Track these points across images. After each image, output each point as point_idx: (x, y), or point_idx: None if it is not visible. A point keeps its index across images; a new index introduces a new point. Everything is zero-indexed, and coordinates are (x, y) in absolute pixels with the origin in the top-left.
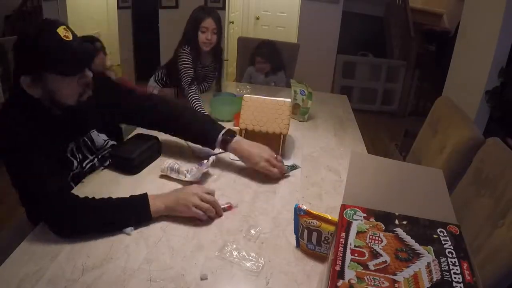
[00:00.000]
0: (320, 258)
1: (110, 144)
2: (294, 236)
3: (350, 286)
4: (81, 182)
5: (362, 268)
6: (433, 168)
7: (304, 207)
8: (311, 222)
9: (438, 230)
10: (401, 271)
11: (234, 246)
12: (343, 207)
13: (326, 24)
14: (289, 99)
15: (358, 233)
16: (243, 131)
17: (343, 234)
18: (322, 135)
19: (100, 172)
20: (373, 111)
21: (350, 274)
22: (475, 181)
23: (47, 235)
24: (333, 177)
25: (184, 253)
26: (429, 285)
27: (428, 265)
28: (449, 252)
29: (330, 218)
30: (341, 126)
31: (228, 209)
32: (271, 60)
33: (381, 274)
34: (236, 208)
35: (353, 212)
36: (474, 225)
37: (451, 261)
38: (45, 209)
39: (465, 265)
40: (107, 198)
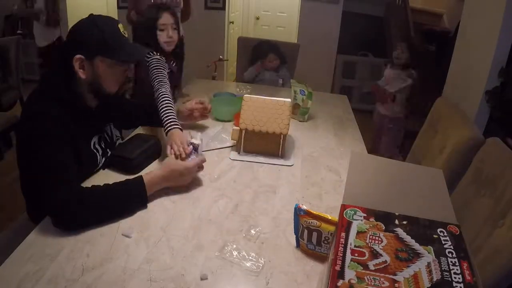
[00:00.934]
0: (320, 258)
1: (119, 142)
2: (294, 236)
3: (350, 286)
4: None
5: (362, 268)
6: (433, 168)
7: (304, 207)
8: (311, 222)
9: (438, 230)
10: (401, 271)
11: (234, 246)
12: (343, 207)
13: (326, 24)
14: (289, 99)
15: (358, 233)
16: (243, 131)
17: (343, 234)
18: (322, 135)
19: (100, 172)
20: (373, 111)
21: (350, 274)
22: (475, 181)
23: (47, 235)
24: (333, 177)
25: (184, 253)
26: (429, 285)
27: (428, 265)
28: (449, 252)
29: (330, 218)
30: (341, 126)
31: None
32: (279, 54)
33: (381, 274)
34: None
35: (353, 212)
36: (474, 225)
37: (451, 261)
38: (51, 202)
39: (465, 265)
40: (105, 189)
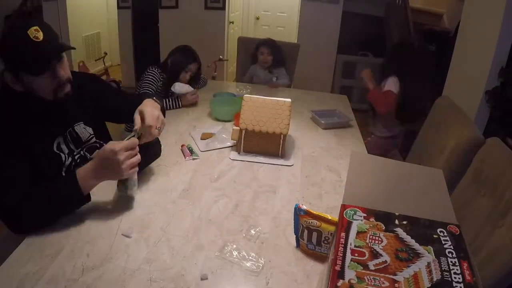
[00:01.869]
0: (320, 258)
1: (94, 140)
2: (294, 236)
3: (350, 286)
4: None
5: (362, 268)
6: (433, 168)
7: (304, 207)
8: (311, 222)
9: (438, 230)
10: (401, 271)
11: (234, 246)
12: (343, 207)
13: (326, 24)
14: (289, 99)
15: (358, 233)
16: (243, 131)
17: (343, 234)
18: (322, 135)
19: None
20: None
21: (350, 274)
22: (475, 181)
23: (47, 235)
24: (333, 177)
25: (184, 253)
26: (429, 285)
27: (428, 265)
28: (449, 252)
29: (330, 218)
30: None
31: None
32: (274, 52)
33: (381, 274)
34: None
35: (353, 212)
36: (474, 225)
37: (451, 261)
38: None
39: (465, 265)
40: (44, 190)
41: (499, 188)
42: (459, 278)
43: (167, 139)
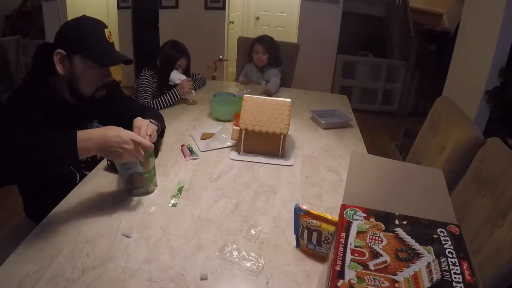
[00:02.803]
0: (320, 258)
1: None
2: (294, 236)
3: (350, 286)
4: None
5: (362, 268)
6: (433, 168)
7: (304, 207)
8: (311, 222)
9: (438, 230)
10: (401, 271)
11: (234, 246)
12: (343, 207)
13: (326, 24)
14: (289, 99)
15: (358, 233)
16: (243, 131)
17: (343, 234)
18: (322, 135)
19: (98, 172)
20: (373, 111)
21: (350, 274)
22: (475, 181)
23: (47, 235)
24: (333, 177)
25: (184, 253)
26: (429, 285)
27: (428, 265)
28: (449, 252)
29: (330, 218)
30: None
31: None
32: (269, 50)
33: (381, 274)
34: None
35: (353, 212)
36: (474, 225)
37: (451, 261)
38: None
39: (465, 265)
40: (34, 137)
41: (499, 188)
42: (459, 278)
43: (167, 139)
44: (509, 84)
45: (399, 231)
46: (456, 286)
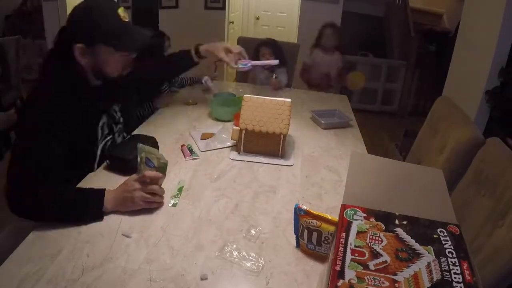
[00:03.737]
0: (320, 258)
1: (119, 127)
2: (294, 236)
3: (350, 286)
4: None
5: (362, 268)
6: (433, 168)
7: (304, 207)
8: (311, 222)
9: (438, 230)
10: (401, 271)
11: (234, 246)
12: (343, 207)
13: None
14: (289, 99)
15: (358, 233)
16: (243, 131)
17: (343, 234)
18: (322, 135)
19: (99, 173)
20: (373, 111)
21: (350, 274)
22: (475, 181)
23: (47, 235)
24: (333, 177)
25: (184, 253)
26: (429, 285)
27: (428, 265)
28: (449, 252)
29: (330, 218)
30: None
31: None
32: (276, 53)
33: (381, 274)
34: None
35: (353, 212)
36: (474, 225)
37: (451, 261)
38: (13, 186)
39: (465, 265)
40: (68, 192)
41: (499, 188)
42: (459, 278)
43: (167, 139)
44: (509, 84)
45: (399, 231)
46: (456, 286)
